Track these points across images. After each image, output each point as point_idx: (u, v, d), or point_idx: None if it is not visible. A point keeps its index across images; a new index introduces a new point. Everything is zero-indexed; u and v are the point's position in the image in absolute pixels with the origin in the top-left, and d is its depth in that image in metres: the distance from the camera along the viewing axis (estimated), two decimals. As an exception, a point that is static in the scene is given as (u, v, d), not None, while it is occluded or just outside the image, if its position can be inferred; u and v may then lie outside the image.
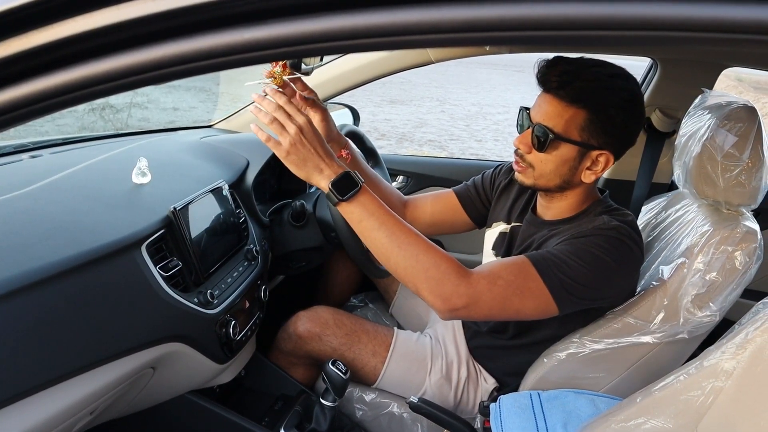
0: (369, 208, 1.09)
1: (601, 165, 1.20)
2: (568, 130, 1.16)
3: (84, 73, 0.54)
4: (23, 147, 1.48)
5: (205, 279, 1.29)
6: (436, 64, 1.98)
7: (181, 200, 1.26)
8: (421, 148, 7.17)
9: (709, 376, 0.90)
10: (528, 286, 1.11)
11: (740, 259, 1.18)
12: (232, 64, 0.54)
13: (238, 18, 0.51)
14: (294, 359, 1.59)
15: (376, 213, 1.09)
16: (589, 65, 1.16)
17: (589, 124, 1.15)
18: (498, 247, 1.44)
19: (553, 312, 1.14)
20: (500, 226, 1.46)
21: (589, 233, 1.16)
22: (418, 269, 1.07)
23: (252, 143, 1.77)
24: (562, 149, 1.18)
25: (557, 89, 1.15)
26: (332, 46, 0.51)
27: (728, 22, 0.44)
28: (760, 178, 1.20)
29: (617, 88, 1.15)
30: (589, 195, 1.30)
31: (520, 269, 1.12)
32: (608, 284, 1.18)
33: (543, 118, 1.18)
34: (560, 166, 1.20)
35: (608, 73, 1.16)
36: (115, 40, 0.53)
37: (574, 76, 1.14)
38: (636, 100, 1.18)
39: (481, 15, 0.47)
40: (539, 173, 1.23)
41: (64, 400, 0.97)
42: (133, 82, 0.55)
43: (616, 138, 1.18)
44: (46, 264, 0.95)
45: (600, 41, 0.47)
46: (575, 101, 1.14)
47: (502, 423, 1.18)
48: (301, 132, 1.07)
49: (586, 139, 1.17)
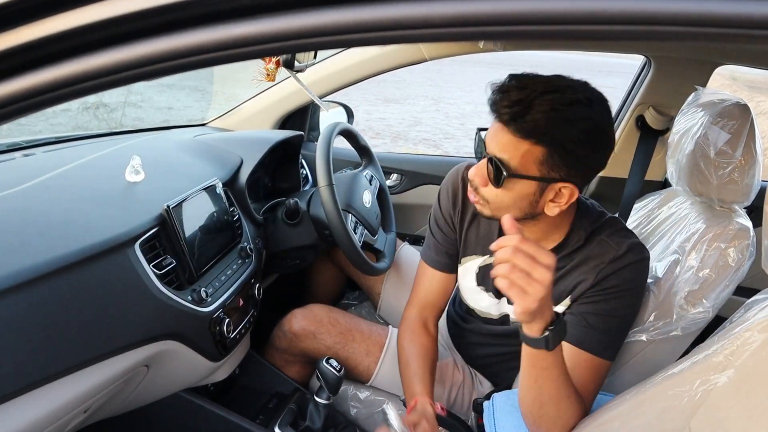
0: (559, 357, 1.00)
1: (566, 197, 1.08)
2: (525, 165, 1.03)
3: (75, 69, 0.53)
4: (16, 145, 1.48)
5: (198, 277, 1.28)
6: (431, 63, 1.98)
7: (174, 198, 1.26)
8: (415, 147, 7.17)
9: (701, 372, 0.90)
10: (601, 375, 1.15)
11: (733, 255, 1.18)
12: (223, 59, 0.54)
13: (229, 13, 0.51)
14: (289, 357, 1.59)
15: (559, 360, 1.00)
16: (544, 92, 1.00)
17: (548, 159, 1.02)
18: (485, 282, 1.34)
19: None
20: (476, 260, 1.35)
21: (612, 274, 1.13)
22: (554, 415, 1.05)
23: (245, 141, 1.77)
24: (520, 185, 1.06)
25: (508, 122, 1.02)
26: (323, 42, 0.51)
27: (718, 17, 0.44)
28: (752, 175, 1.20)
29: (577, 118, 1.00)
30: (566, 213, 1.16)
31: (591, 367, 1.13)
32: (642, 298, 1.22)
33: (497, 149, 1.05)
34: (518, 201, 1.09)
35: (566, 102, 1.00)
36: (105, 36, 0.52)
37: (526, 107, 0.99)
38: (599, 129, 1.03)
39: (471, 9, 0.47)
40: (496, 207, 1.12)
41: (57, 399, 0.97)
42: (123, 78, 0.55)
43: (579, 170, 1.05)
44: (39, 262, 0.94)
45: (592, 35, 0.47)
46: (529, 136, 1.01)
47: (495, 420, 1.18)
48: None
49: (545, 173, 1.04)
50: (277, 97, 2.11)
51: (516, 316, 0.92)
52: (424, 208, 2.26)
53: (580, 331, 1.14)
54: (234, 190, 1.58)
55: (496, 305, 1.36)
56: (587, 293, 1.16)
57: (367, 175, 1.85)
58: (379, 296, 1.84)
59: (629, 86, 2.08)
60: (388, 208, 1.95)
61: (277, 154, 1.91)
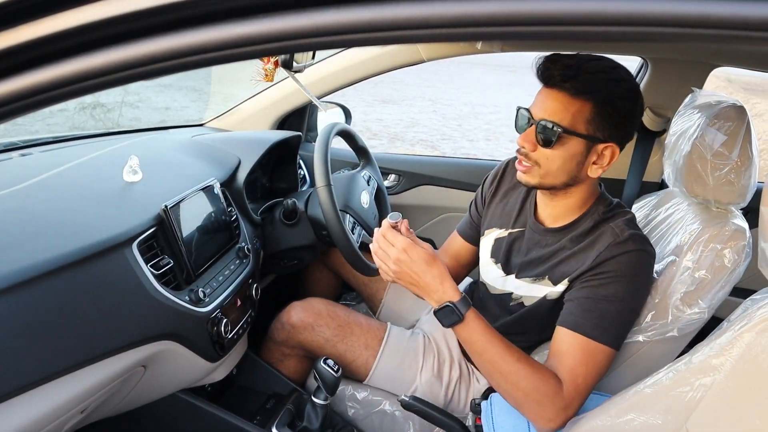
0: (471, 337, 1.15)
1: (607, 158, 1.19)
2: (575, 124, 1.15)
3: (72, 68, 0.53)
4: (13, 145, 1.48)
5: (196, 277, 1.28)
6: (429, 65, 1.99)
7: (172, 198, 1.26)
8: (413, 148, 7.17)
9: (698, 373, 0.91)
10: (598, 359, 1.15)
11: (729, 256, 1.18)
12: (222, 59, 0.54)
13: (227, 13, 0.51)
14: (286, 349, 1.58)
15: (478, 342, 1.15)
16: (589, 59, 1.16)
17: (596, 117, 1.15)
18: (496, 254, 1.43)
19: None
20: (494, 232, 1.45)
21: (610, 258, 1.18)
22: (519, 395, 1.13)
23: (243, 141, 1.77)
24: (570, 144, 1.17)
25: (562, 83, 1.14)
26: (321, 42, 0.51)
27: (715, 18, 0.45)
28: (749, 176, 1.21)
29: (621, 78, 1.15)
30: (593, 191, 1.29)
31: (586, 351, 1.14)
32: (647, 294, 1.23)
33: (548, 113, 1.16)
34: (567, 162, 1.19)
35: (610, 65, 1.16)
36: (103, 35, 0.52)
37: (577, 69, 1.13)
38: (638, 90, 1.18)
39: (469, 10, 0.47)
40: (545, 171, 1.21)
41: (53, 399, 0.96)
42: (121, 77, 0.55)
43: (621, 129, 1.18)
44: (36, 262, 0.94)
45: (589, 36, 0.47)
46: (581, 93, 1.13)
47: (494, 420, 1.18)
48: (400, 262, 1.17)
49: (592, 132, 1.16)
50: (275, 97, 2.11)
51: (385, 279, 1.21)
52: (422, 209, 2.26)
53: (576, 317, 1.17)
54: (232, 191, 1.58)
55: (501, 278, 1.40)
56: (585, 275, 1.20)
57: (365, 176, 1.85)
58: (381, 302, 1.85)
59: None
60: (385, 209, 1.95)
61: (274, 154, 1.91)
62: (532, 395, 1.11)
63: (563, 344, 1.16)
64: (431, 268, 1.15)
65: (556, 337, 1.19)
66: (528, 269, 1.33)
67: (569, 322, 1.17)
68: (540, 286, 1.30)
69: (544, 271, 1.29)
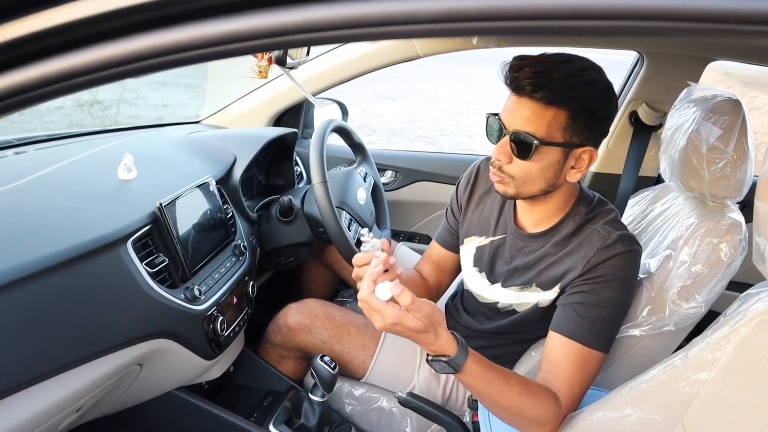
0: (470, 383, 1.06)
1: (585, 161, 1.15)
2: (550, 133, 1.10)
3: (66, 64, 0.53)
4: (8, 143, 1.47)
5: (192, 275, 1.28)
6: (426, 60, 1.98)
7: (167, 196, 1.25)
8: (412, 144, 7.17)
9: (694, 367, 0.91)
10: (591, 366, 1.15)
11: (725, 251, 1.18)
12: (214, 55, 0.53)
13: (220, 9, 0.51)
14: (284, 351, 1.59)
15: (477, 387, 1.06)
16: (558, 62, 1.09)
17: (571, 123, 1.09)
18: (479, 263, 1.39)
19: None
20: (474, 241, 1.40)
21: (600, 263, 1.16)
22: (522, 422, 1.10)
23: (239, 138, 1.77)
24: (547, 154, 1.12)
25: (533, 93, 1.08)
26: (315, 38, 0.51)
27: (708, 12, 0.44)
28: (744, 170, 1.21)
29: (593, 81, 1.10)
30: (572, 191, 1.26)
31: (580, 358, 1.14)
32: (633, 293, 1.23)
33: (521, 123, 1.10)
34: (545, 171, 1.14)
35: (582, 68, 1.10)
36: (97, 31, 0.52)
37: (547, 76, 1.06)
38: (612, 90, 1.13)
39: (464, 5, 0.47)
40: (521, 181, 1.16)
41: (49, 398, 0.96)
42: (116, 73, 0.54)
43: (598, 131, 1.14)
44: (30, 260, 0.94)
45: (585, 31, 0.47)
46: (554, 102, 1.07)
47: (490, 416, 1.18)
48: (392, 326, 1.00)
49: (569, 139, 1.11)
50: (271, 94, 2.10)
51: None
52: (418, 205, 2.26)
53: (570, 323, 1.16)
54: (228, 188, 1.57)
55: (488, 287, 1.38)
56: (576, 282, 1.19)
57: (362, 172, 1.85)
58: None
59: (622, 82, 2.08)
60: (382, 205, 1.95)
61: (271, 151, 1.91)
62: (535, 420, 1.09)
63: (558, 352, 1.15)
64: (427, 334, 1.00)
65: (549, 342, 1.18)
66: (514, 277, 1.31)
67: (563, 328, 1.16)
68: (529, 293, 1.28)
69: (531, 279, 1.27)
